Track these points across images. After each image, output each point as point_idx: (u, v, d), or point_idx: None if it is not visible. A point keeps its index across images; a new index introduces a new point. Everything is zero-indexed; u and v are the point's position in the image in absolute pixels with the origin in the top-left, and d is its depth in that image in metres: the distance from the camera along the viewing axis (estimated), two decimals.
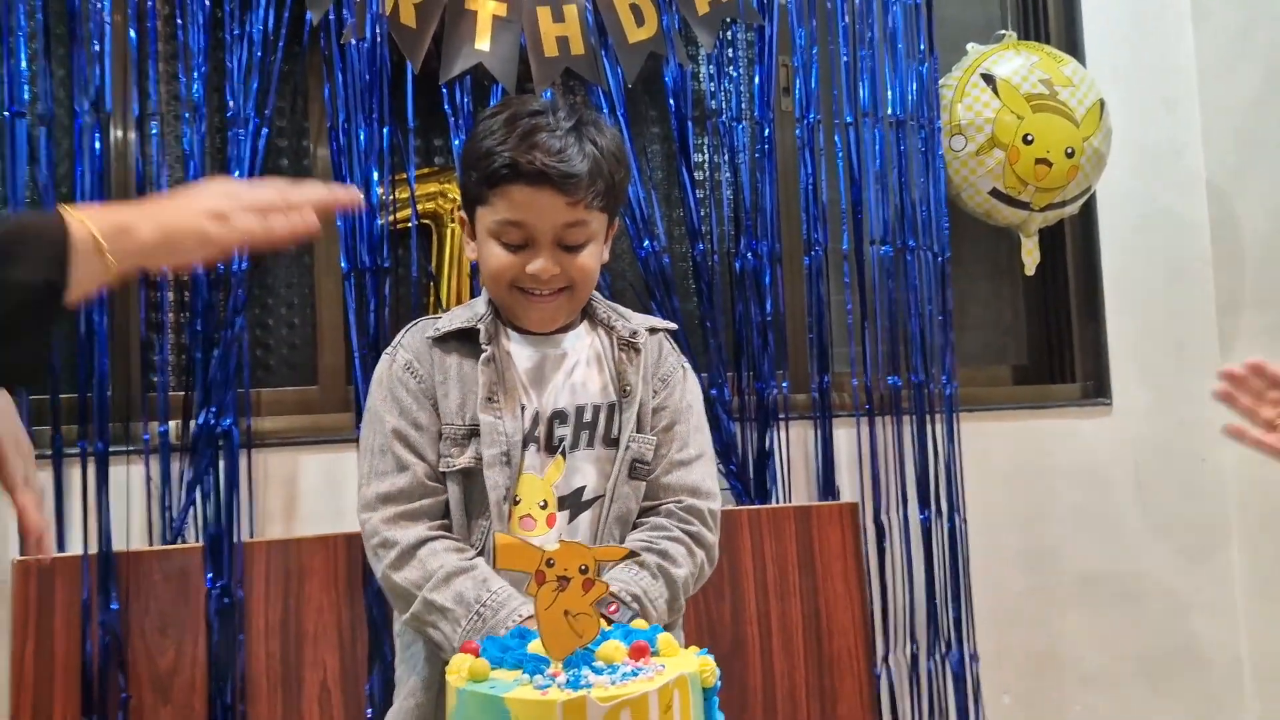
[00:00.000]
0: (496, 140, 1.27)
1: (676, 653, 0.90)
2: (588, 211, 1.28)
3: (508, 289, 1.31)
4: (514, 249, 1.29)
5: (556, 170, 1.24)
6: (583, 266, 1.31)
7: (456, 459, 1.28)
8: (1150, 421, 2.51)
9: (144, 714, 1.67)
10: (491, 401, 1.28)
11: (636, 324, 1.40)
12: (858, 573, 2.05)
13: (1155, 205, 2.56)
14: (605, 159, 1.29)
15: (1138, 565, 2.48)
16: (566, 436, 1.31)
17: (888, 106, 2.23)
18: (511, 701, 0.79)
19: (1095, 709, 2.42)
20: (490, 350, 1.30)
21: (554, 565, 0.86)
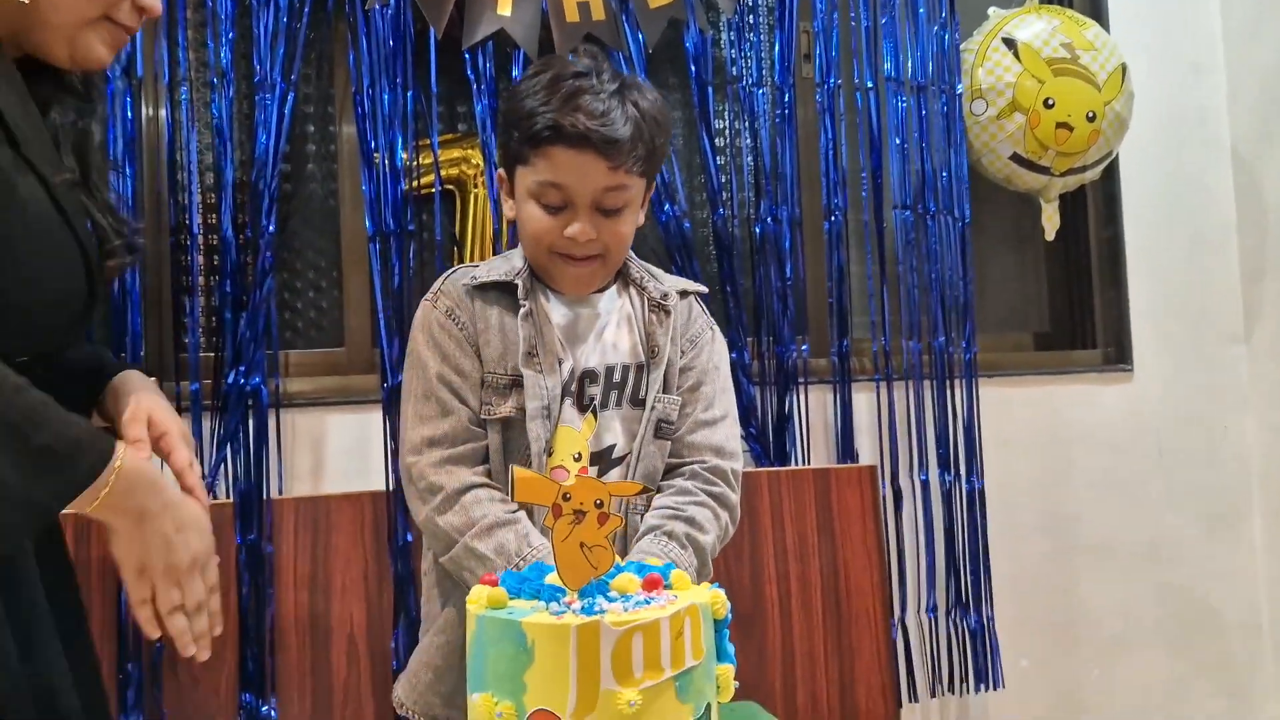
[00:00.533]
0: (539, 100, 1.27)
1: (689, 586, 0.92)
2: (628, 176, 1.29)
3: (546, 251, 1.33)
4: (553, 210, 1.30)
5: (599, 134, 1.24)
6: (619, 231, 1.33)
7: (498, 408, 1.31)
8: (1172, 388, 2.51)
9: (177, 664, 1.71)
10: (532, 356, 1.31)
11: (668, 286, 1.42)
12: (876, 535, 2.07)
13: (1179, 171, 2.55)
14: (647, 123, 1.30)
15: (1158, 532, 2.48)
16: (597, 395, 1.34)
17: (908, 71, 2.23)
18: (528, 625, 0.82)
19: (1114, 674, 2.43)
20: (528, 305, 1.32)
21: (570, 499, 0.89)
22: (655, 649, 0.83)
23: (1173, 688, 2.48)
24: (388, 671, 1.80)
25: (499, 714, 0.82)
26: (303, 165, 2.05)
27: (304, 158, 2.05)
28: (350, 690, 1.78)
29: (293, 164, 2.03)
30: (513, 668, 0.82)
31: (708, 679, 0.88)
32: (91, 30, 1.04)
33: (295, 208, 2.04)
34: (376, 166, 1.89)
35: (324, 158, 2.07)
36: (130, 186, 1.79)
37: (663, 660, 0.83)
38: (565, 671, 0.81)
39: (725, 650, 0.93)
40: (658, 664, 0.83)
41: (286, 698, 1.76)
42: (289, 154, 1.97)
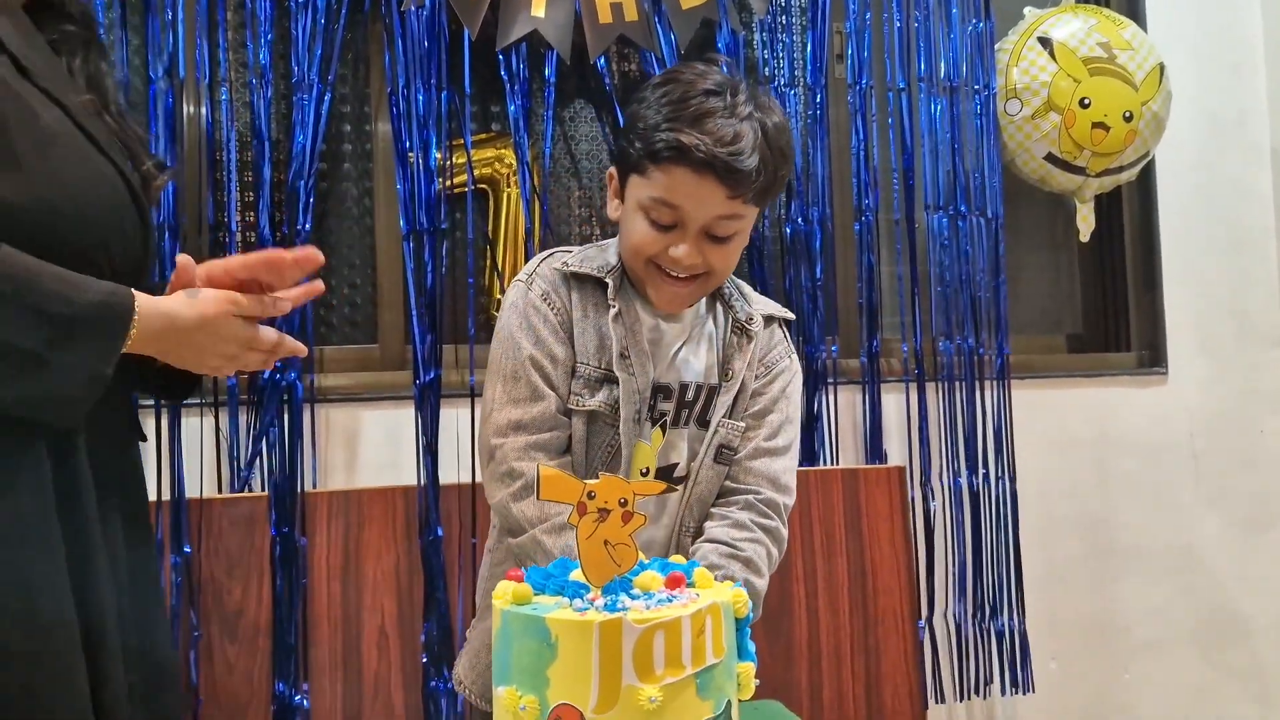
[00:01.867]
0: (667, 115, 1.22)
1: (711, 584, 0.94)
2: (744, 206, 1.25)
3: (644, 264, 1.28)
4: (661, 229, 1.25)
5: (724, 163, 1.20)
6: (725, 257, 1.28)
7: (587, 400, 1.28)
8: (1208, 391, 2.48)
9: (213, 651, 1.75)
10: (624, 358, 1.28)
11: (755, 309, 1.38)
12: (904, 535, 2.07)
13: (1217, 173, 2.53)
14: (774, 153, 1.25)
15: (1192, 536, 2.46)
16: (669, 411, 1.31)
17: (941, 72, 2.23)
18: (552, 621, 0.84)
19: (1145, 677, 2.42)
20: (618, 307, 1.29)
21: (595, 498, 0.90)
22: (677, 646, 0.84)
23: (1203, 693, 2.46)
24: (417, 663, 1.83)
25: (523, 707, 0.84)
26: (339, 164, 2.08)
27: (340, 157, 2.08)
28: (381, 681, 1.81)
29: (329, 163, 2.06)
30: (536, 662, 0.84)
31: (728, 676, 0.89)
32: None
33: (331, 206, 2.08)
34: (411, 166, 1.92)
35: (359, 157, 2.10)
36: (171, 184, 1.83)
37: (684, 657, 0.84)
38: (588, 667, 0.82)
39: (746, 648, 0.94)
40: (679, 661, 0.84)
41: (318, 687, 1.79)
42: (325, 153, 2.00)
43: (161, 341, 1.03)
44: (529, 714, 0.84)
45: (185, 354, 1.07)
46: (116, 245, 1.06)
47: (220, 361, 1.08)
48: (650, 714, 0.82)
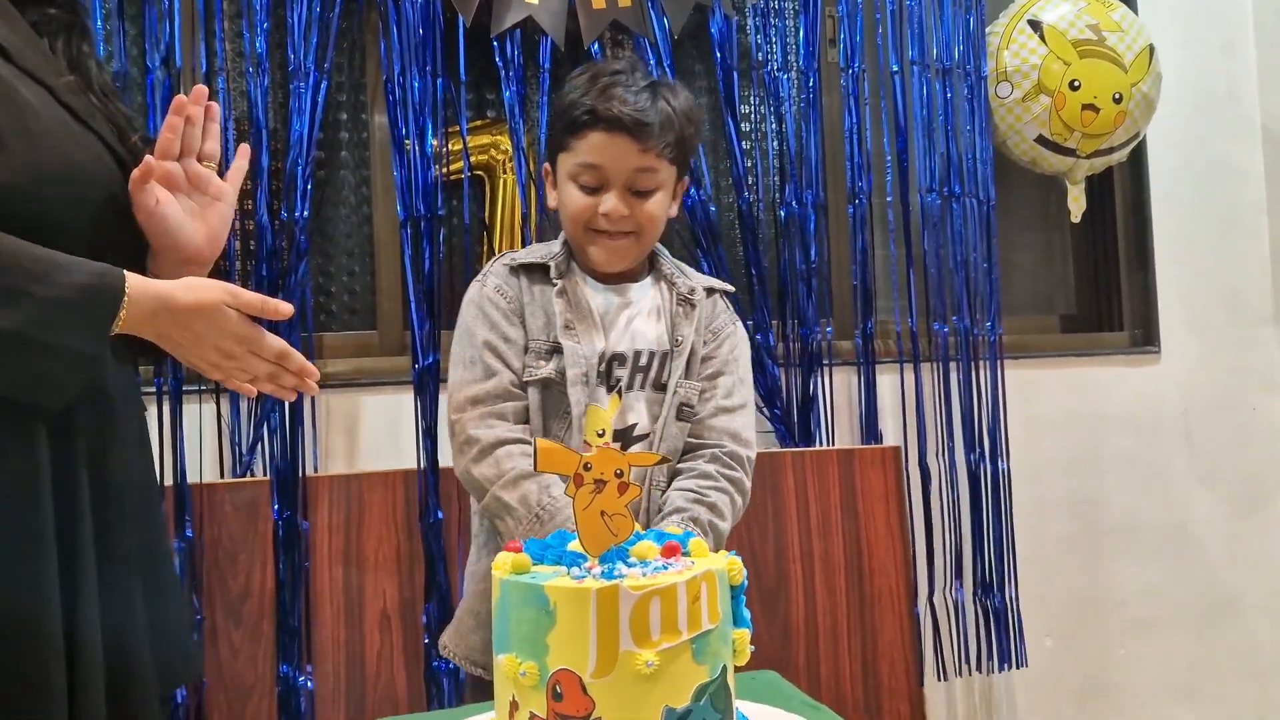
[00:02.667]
0: (579, 93, 1.42)
1: (706, 553, 0.96)
2: (658, 160, 1.41)
3: (583, 229, 1.44)
4: (590, 191, 1.42)
5: (631, 117, 1.38)
6: (650, 212, 1.43)
7: (539, 370, 1.41)
8: (1200, 370, 2.50)
9: (217, 635, 1.78)
10: (569, 329, 1.42)
11: (696, 282, 1.52)
12: (899, 515, 2.09)
13: (1209, 152, 2.54)
14: (677, 116, 1.42)
15: (1185, 514, 2.48)
16: (623, 377, 1.44)
17: (933, 55, 2.24)
18: (551, 589, 0.86)
19: (1139, 655, 2.44)
20: (561, 284, 1.44)
21: (591, 469, 0.92)
22: (672, 612, 0.86)
23: (1197, 669, 2.48)
24: (419, 645, 1.85)
25: (522, 673, 0.86)
26: (336, 152, 2.10)
27: (337, 145, 2.10)
28: (384, 662, 1.83)
29: (326, 151, 2.08)
30: (535, 630, 0.86)
31: (724, 642, 0.91)
32: None
33: (328, 194, 2.09)
34: (407, 153, 1.93)
35: (356, 144, 2.11)
36: None
37: (680, 623, 0.86)
38: (586, 633, 0.84)
39: (742, 615, 0.95)
40: (675, 627, 0.86)
41: (322, 669, 1.81)
42: (322, 141, 2.02)
43: (155, 323, 1.03)
44: (528, 680, 0.86)
45: (182, 341, 1.05)
46: (109, 221, 1.07)
47: (218, 357, 1.06)
48: (647, 678, 0.84)
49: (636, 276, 1.50)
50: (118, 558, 1.08)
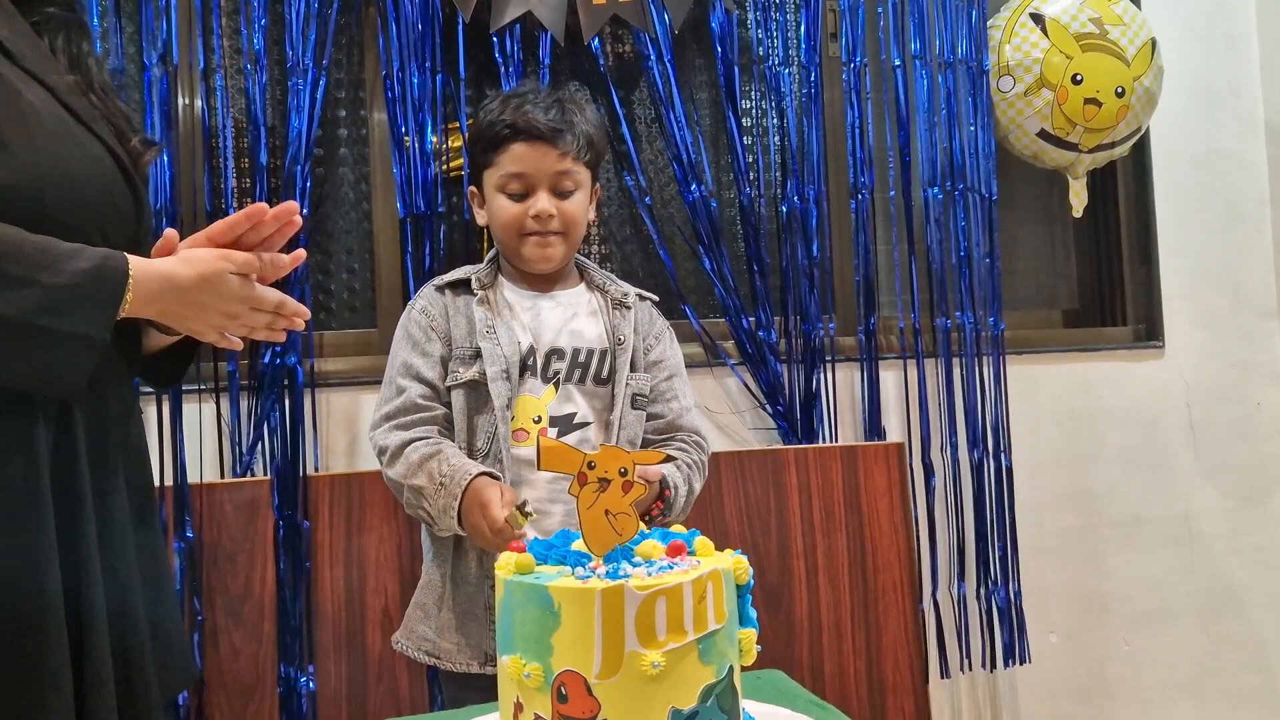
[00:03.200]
0: (495, 114, 1.58)
1: (711, 552, 0.95)
2: (575, 164, 1.58)
3: (516, 235, 1.59)
4: (517, 198, 1.58)
5: (547, 125, 1.55)
6: (573, 212, 1.59)
7: (463, 374, 1.54)
8: (1203, 364, 2.50)
9: (218, 635, 1.77)
10: (488, 333, 1.56)
11: (626, 289, 1.67)
12: (903, 511, 2.08)
13: (1211, 145, 2.53)
14: (585, 123, 1.60)
15: (1189, 507, 2.48)
16: (562, 370, 1.57)
17: (935, 49, 2.23)
18: (555, 589, 0.85)
19: (1143, 650, 2.43)
20: (482, 294, 1.59)
21: (595, 468, 0.91)
22: (678, 612, 0.85)
23: (1202, 663, 2.48)
24: None
25: (527, 674, 0.85)
26: (335, 149, 2.09)
27: (336, 141, 2.09)
28: (385, 662, 1.82)
29: (325, 148, 2.06)
30: (540, 630, 0.85)
31: (730, 642, 0.90)
32: None
33: (328, 191, 2.08)
34: (407, 149, 1.92)
35: (355, 141, 2.10)
36: (169, 171, 1.83)
37: (686, 623, 0.85)
38: (590, 634, 0.83)
39: (748, 615, 0.95)
40: (681, 627, 0.85)
41: (324, 669, 1.80)
42: (321, 138, 2.01)
43: (160, 302, 1.04)
44: (533, 681, 0.85)
45: (187, 314, 1.07)
46: (110, 222, 1.07)
47: (224, 320, 1.09)
48: (653, 679, 0.83)
49: (567, 283, 1.65)
50: (118, 562, 1.08)
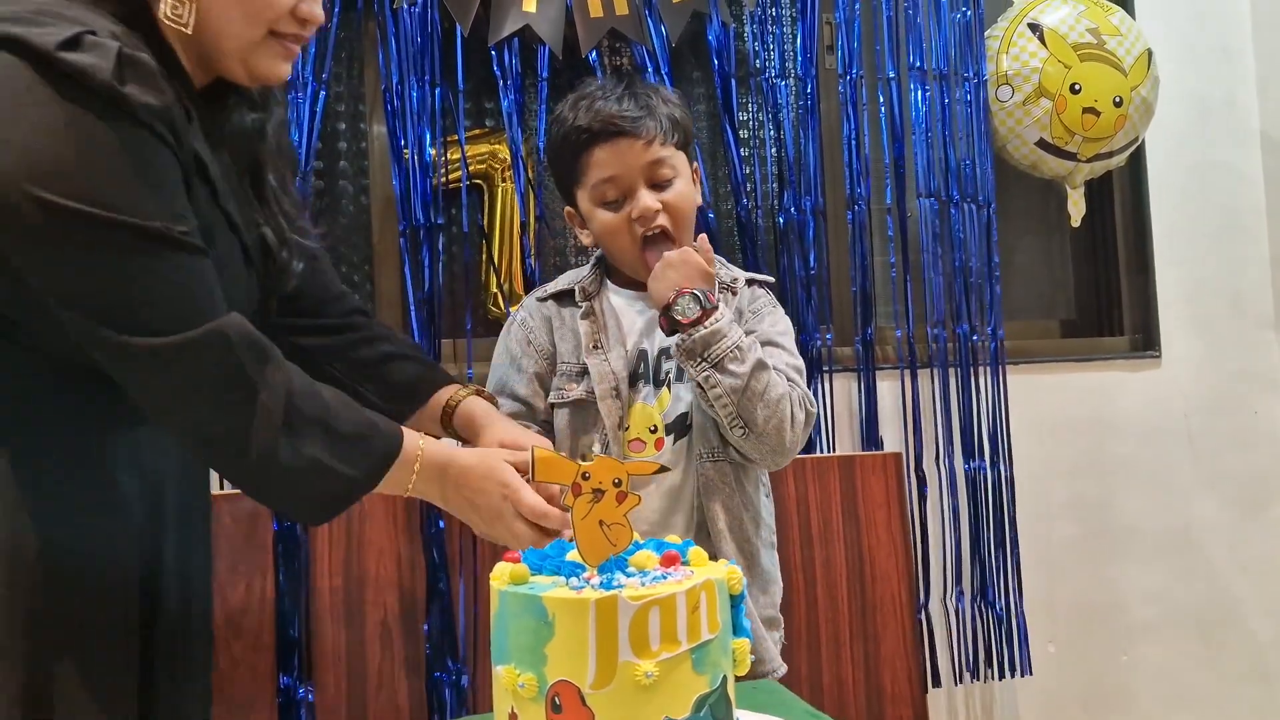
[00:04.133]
0: (567, 124, 1.44)
1: (705, 563, 0.95)
2: (664, 148, 1.42)
3: (629, 245, 1.44)
4: (616, 206, 1.43)
5: (624, 118, 1.40)
6: (679, 202, 1.43)
7: (570, 393, 1.46)
8: (1201, 374, 2.50)
9: (218, 647, 1.76)
10: (596, 348, 1.46)
11: (737, 273, 1.55)
12: (901, 521, 2.08)
13: (1208, 156, 2.54)
14: (662, 103, 1.44)
15: (1188, 517, 2.48)
16: (670, 369, 1.46)
17: (931, 60, 2.24)
18: (549, 600, 0.85)
19: (1142, 660, 2.43)
20: (586, 306, 1.48)
21: (589, 479, 0.92)
22: (672, 623, 0.85)
23: (1201, 673, 2.47)
24: (421, 656, 1.84)
25: (521, 685, 0.85)
26: (335, 162, 2.10)
27: (336, 155, 2.10)
28: (384, 675, 1.82)
29: (325, 161, 2.08)
30: (534, 640, 0.85)
31: (724, 652, 0.90)
32: (261, 48, 1.11)
33: (328, 204, 2.09)
34: (406, 162, 1.93)
35: (355, 155, 2.11)
36: None
37: (679, 634, 0.86)
38: (584, 644, 0.84)
39: (741, 625, 0.95)
40: (674, 637, 0.85)
41: (323, 682, 1.80)
42: (321, 151, 2.02)
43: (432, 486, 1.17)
44: (527, 691, 0.85)
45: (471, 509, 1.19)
46: None
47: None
48: (646, 689, 0.84)
49: None
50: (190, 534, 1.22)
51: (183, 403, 1.03)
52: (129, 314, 0.98)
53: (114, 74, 0.94)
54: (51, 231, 0.95)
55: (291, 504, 1.13)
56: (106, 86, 0.94)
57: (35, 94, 0.93)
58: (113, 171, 0.96)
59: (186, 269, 1.01)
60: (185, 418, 1.05)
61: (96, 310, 0.98)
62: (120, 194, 0.96)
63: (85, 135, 0.94)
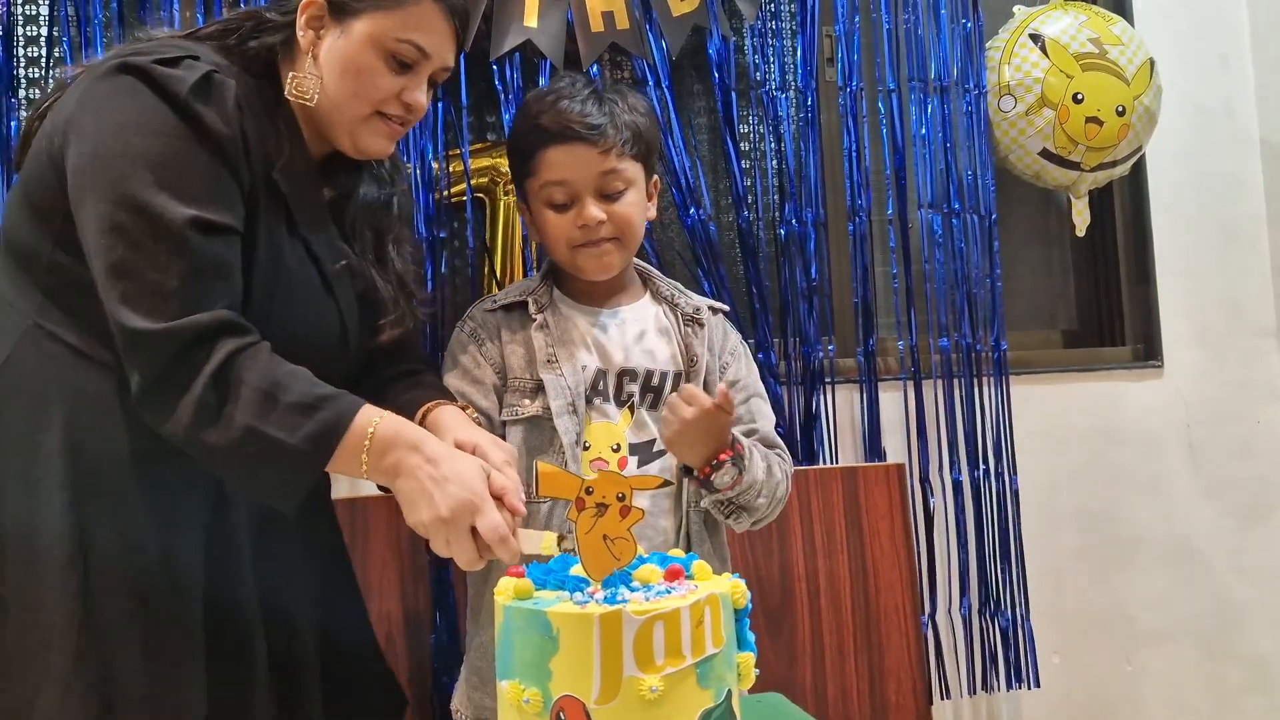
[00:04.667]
0: (528, 119, 1.44)
1: (709, 576, 0.95)
2: (619, 160, 1.41)
3: (567, 248, 1.43)
4: (562, 209, 1.41)
5: (581, 123, 1.38)
6: (625, 214, 1.42)
7: (525, 409, 1.41)
8: (1203, 383, 2.50)
9: None
10: (550, 362, 1.42)
11: (698, 302, 1.53)
12: (904, 532, 2.08)
13: (1207, 165, 2.55)
14: (627, 111, 1.43)
15: (1190, 527, 2.47)
16: (635, 394, 1.44)
17: (932, 71, 2.25)
18: (554, 615, 0.86)
19: (1146, 670, 2.43)
20: (540, 318, 1.44)
21: (593, 493, 0.92)
22: (676, 637, 0.86)
23: (1207, 683, 2.47)
24: (426, 668, 1.84)
25: (525, 700, 0.86)
26: None
27: None
28: None
29: None
30: (539, 655, 0.86)
31: (728, 666, 0.91)
32: (366, 125, 1.24)
33: None
34: (408, 176, 1.93)
35: None
36: None
37: (684, 648, 0.86)
38: (589, 659, 0.84)
39: (746, 639, 0.96)
40: (679, 651, 0.86)
41: None
42: None
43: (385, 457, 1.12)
44: (532, 707, 0.86)
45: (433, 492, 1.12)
46: (311, 363, 1.15)
47: (449, 509, 1.10)
48: (651, 704, 0.84)
49: (630, 296, 1.51)
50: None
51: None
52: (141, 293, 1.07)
53: (192, 87, 1.10)
54: (107, 210, 1.07)
55: (237, 476, 1.12)
56: (182, 97, 1.09)
57: (134, 99, 1.10)
58: (170, 162, 1.09)
59: (202, 257, 1.09)
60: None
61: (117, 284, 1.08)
62: (170, 181, 1.08)
63: (158, 131, 1.09)
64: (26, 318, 1.14)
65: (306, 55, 1.23)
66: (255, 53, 1.24)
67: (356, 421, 1.09)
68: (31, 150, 1.19)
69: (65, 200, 1.11)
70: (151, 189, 1.07)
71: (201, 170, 1.11)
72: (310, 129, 1.26)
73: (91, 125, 1.11)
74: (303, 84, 1.22)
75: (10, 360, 1.14)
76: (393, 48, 1.23)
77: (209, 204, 1.10)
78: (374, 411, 1.12)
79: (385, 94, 1.23)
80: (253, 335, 1.11)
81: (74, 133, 1.11)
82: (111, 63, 1.14)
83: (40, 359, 1.14)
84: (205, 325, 1.07)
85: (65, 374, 1.13)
